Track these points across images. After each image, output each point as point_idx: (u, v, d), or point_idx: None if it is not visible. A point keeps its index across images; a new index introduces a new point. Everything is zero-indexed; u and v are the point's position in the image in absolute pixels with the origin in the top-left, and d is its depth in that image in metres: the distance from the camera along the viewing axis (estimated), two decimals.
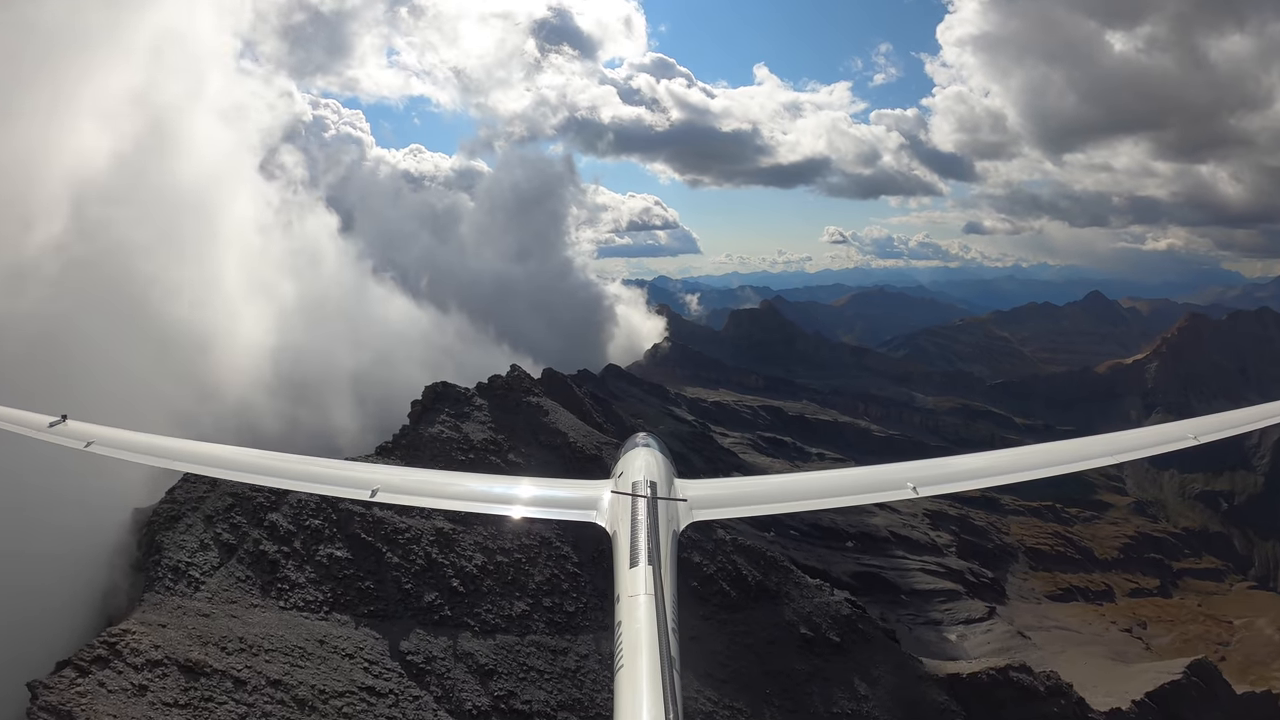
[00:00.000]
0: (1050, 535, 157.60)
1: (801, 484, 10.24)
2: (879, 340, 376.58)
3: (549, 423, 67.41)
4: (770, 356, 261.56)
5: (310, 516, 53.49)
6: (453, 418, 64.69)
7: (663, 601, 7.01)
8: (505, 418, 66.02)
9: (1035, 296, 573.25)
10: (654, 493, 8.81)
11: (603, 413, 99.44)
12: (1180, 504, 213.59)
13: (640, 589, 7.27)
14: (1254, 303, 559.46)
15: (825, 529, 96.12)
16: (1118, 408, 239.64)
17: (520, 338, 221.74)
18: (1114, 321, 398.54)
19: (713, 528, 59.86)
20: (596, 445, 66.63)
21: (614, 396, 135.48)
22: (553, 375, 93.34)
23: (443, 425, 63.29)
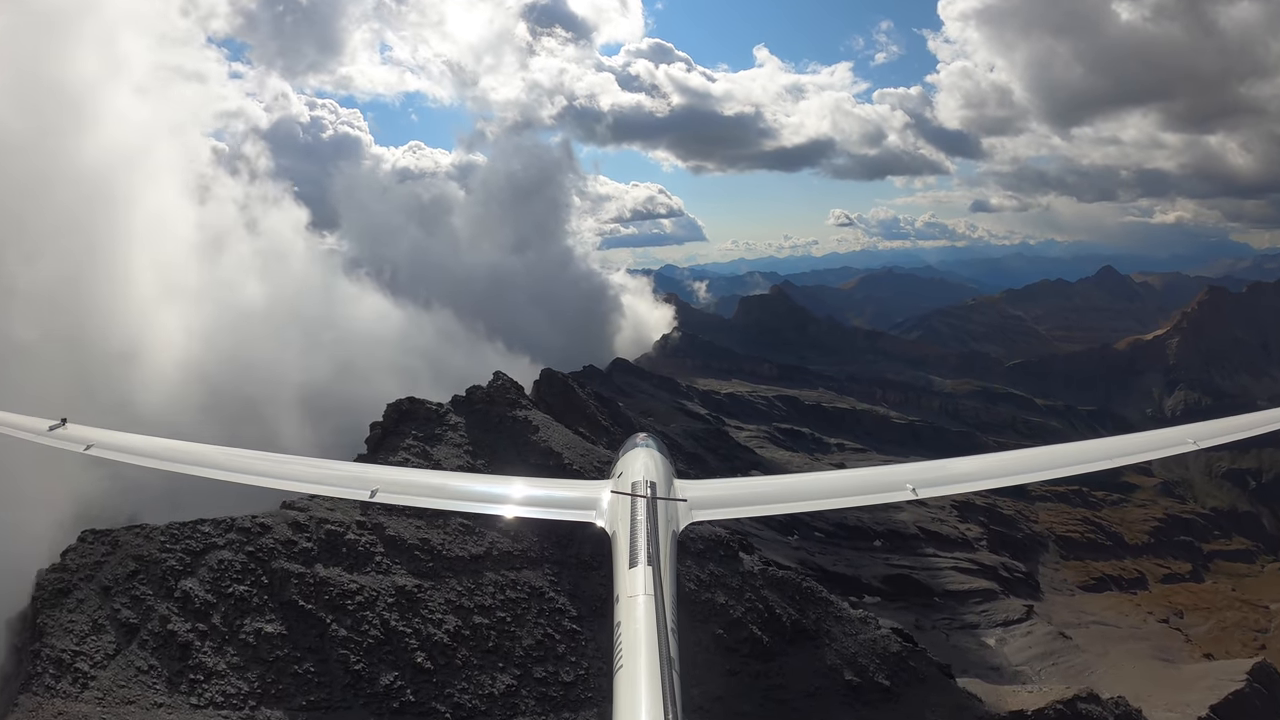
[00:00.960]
0: (1079, 522, 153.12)
1: (800, 485, 10.75)
2: (890, 322, 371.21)
3: (539, 441, 58.46)
4: (782, 343, 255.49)
5: (234, 581, 42.73)
6: (421, 441, 56.55)
7: (662, 602, 6.95)
8: (486, 437, 57.57)
9: (1044, 273, 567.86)
10: (653, 493, 8.78)
11: (609, 414, 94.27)
12: (1207, 483, 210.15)
13: (640, 589, 7.21)
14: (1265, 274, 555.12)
15: (851, 528, 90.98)
16: (1139, 385, 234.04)
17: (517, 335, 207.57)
18: (1128, 297, 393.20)
19: (739, 558, 53.69)
20: (596, 464, 57.46)
21: (622, 393, 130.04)
22: (552, 377, 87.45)
23: (408, 451, 54.80)
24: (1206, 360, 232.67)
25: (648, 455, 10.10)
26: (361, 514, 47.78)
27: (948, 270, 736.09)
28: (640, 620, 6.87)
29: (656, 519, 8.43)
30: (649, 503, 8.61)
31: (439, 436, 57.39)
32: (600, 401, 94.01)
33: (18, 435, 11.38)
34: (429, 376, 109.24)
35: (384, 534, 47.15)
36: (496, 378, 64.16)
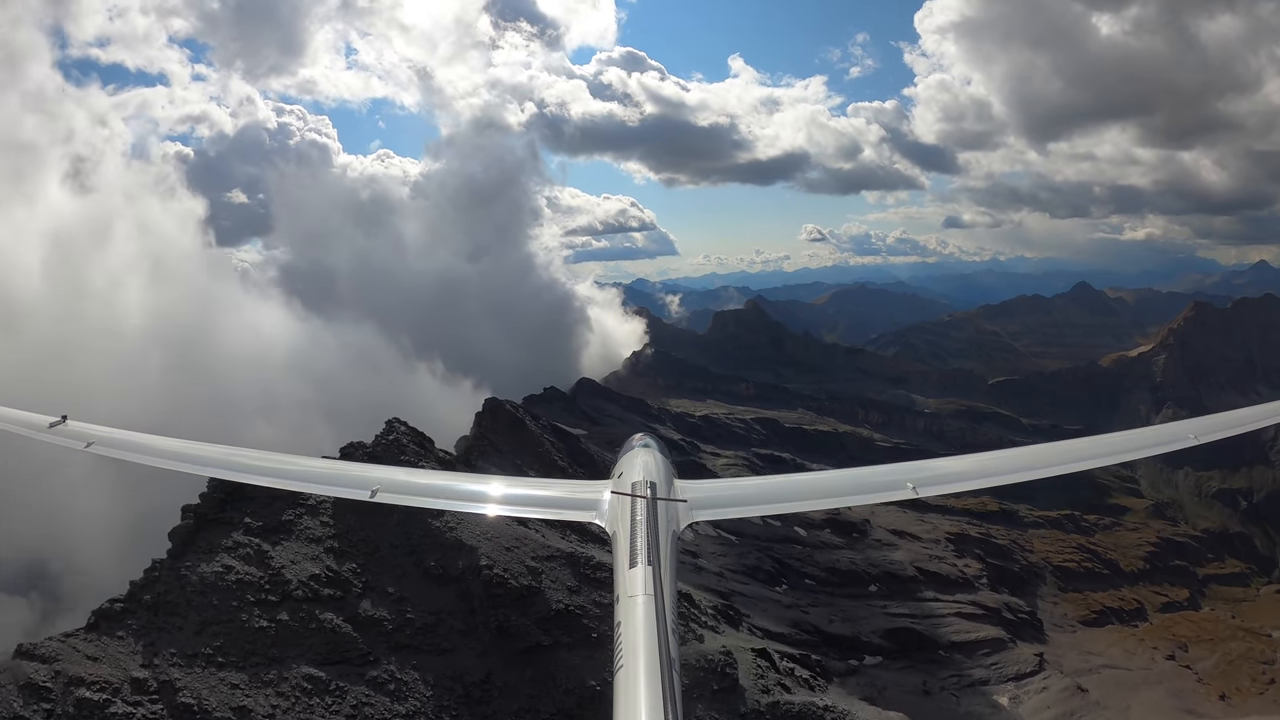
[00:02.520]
0: (1074, 550, 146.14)
1: (800, 484, 10.54)
2: (864, 338, 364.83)
3: (443, 530, 40.90)
4: (758, 360, 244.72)
5: None
6: (256, 535, 39.20)
7: (662, 602, 6.95)
8: (361, 528, 40.33)
9: (1015, 289, 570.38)
10: (653, 493, 8.74)
11: (567, 452, 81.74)
12: (1197, 504, 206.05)
13: (639, 589, 7.21)
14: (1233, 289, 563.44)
15: (845, 573, 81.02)
16: (1126, 402, 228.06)
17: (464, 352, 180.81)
18: (1104, 312, 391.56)
19: (738, 690, 41.99)
20: (530, 562, 41.19)
21: (587, 419, 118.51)
22: (497, 409, 74.27)
23: (231, 555, 37.29)
24: (1193, 377, 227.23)
25: (648, 455, 9.95)
26: (143, 665, 32.21)
27: (919, 286, 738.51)
28: (640, 620, 6.80)
29: (656, 519, 8.30)
30: (649, 503, 8.48)
31: (287, 527, 39.96)
32: (557, 436, 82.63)
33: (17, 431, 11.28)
34: (324, 412, 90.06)
35: (175, 702, 31.27)
36: (389, 429, 47.15)
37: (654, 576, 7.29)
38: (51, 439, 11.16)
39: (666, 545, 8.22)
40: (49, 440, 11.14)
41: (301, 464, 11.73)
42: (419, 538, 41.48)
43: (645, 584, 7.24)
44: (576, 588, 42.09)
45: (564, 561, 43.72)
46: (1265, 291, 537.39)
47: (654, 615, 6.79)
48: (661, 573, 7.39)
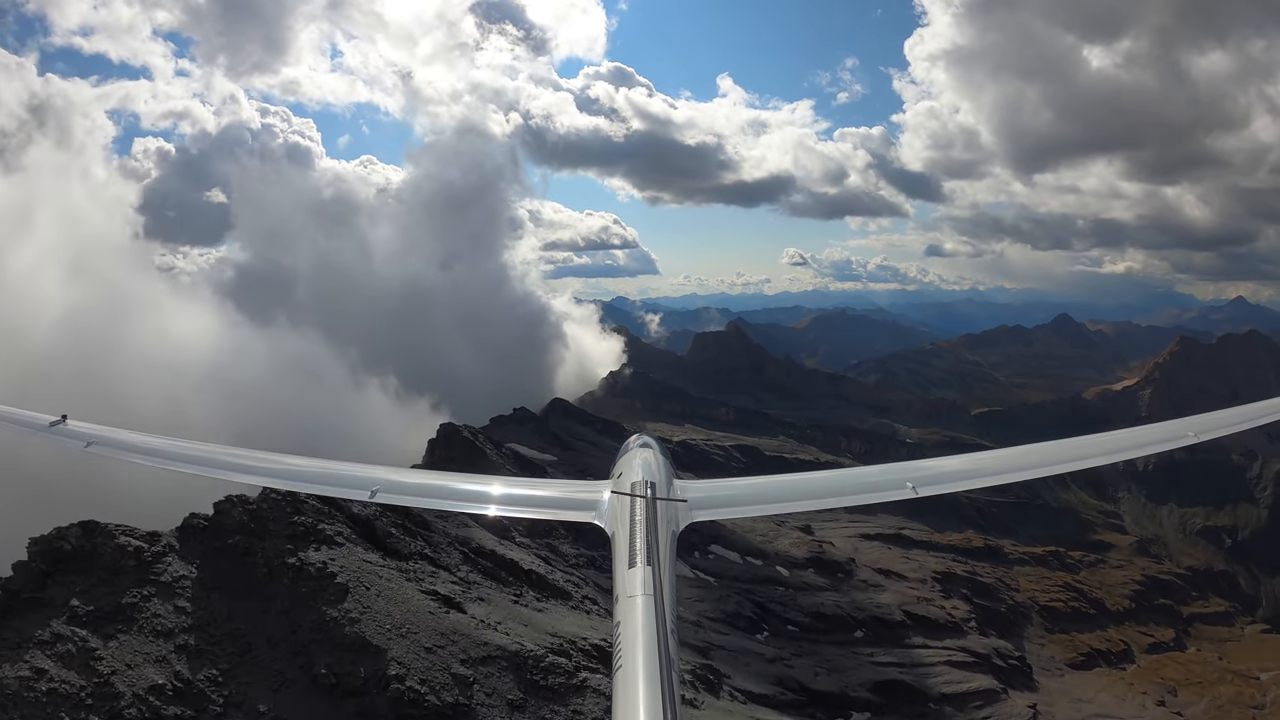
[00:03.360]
0: (1060, 588, 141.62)
1: (800, 484, 10.52)
2: (844, 364, 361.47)
3: (342, 621, 30.39)
4: (738, 384, 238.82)
5: None
6: (84, 625, 27.72)
7: (662, 602, 6.97)
8: (230, 616, 29.83)
9: (994, 319, 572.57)
10: (653, 493, 8.67)
11: None
12: (1182, 541, 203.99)
13: (639, 589, 7.20)
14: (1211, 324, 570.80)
15: (829, 618, 75.16)
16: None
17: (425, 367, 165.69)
18: (1084, 345, 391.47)
19: None
20: (455, 680, 29.96)
21: (559, 442, 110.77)
22: (452, 436, 67.90)
23: (46, 653, 26.06)
24: (1179, 412, 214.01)
25: (647, 456, 9.88)
26: None
27: (899, 313, 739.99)
28: (640, 620, 6.78)
29: (656, 519, 8.25)
30: (648, 503, 8.42)
31: (128, 613, 28.59)
32: (520, 466, 74.11)
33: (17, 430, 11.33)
34: (239, 432, 75.98)
35: None
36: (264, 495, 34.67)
37: (654, 577, 7.25)
38: (51, 438, 11.05)
39: (666, 545, 8.15)
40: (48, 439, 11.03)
41: (300, 464, 11.36)
42: (309, 631, 29.86)
43: (645, 584, 7.17)
44: (521, 702, 30.60)
45: (506, 665, 31.74)
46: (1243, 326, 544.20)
47: (653, 615, 6.76)
48: (661, 573, 7.36)
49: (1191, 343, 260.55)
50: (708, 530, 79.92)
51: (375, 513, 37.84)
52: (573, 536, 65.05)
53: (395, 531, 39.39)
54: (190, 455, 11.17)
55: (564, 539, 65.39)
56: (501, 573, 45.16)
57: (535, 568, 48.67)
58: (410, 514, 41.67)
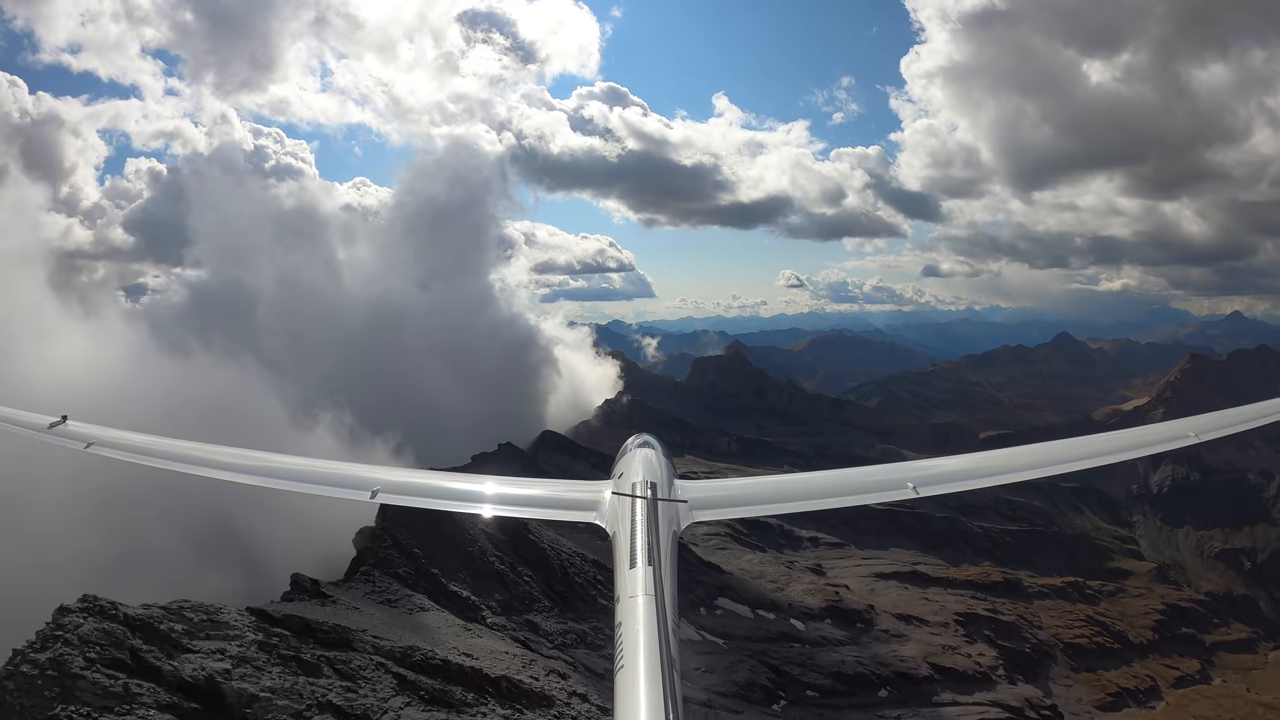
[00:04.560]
0: (1082, 623, 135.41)
1: (801, 484, 10.51)
2: (843, 386, 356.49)
3: None
4: (739, 410, 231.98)
5: None
6: None
7: (663, 602, 6.98)
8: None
9: (992, 338, 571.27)
10: (654, 494, 8.70)
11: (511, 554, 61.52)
12: (1199, 565, 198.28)
13: (640, 590, 7.20)
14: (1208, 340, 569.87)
15: (851, 678, 68.49)
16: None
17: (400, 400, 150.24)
18: (1085, 363, 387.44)
19: None
20: None
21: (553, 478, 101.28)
22: None
23: None
24: None
25: (648, 456, 9.87)
26: None
27: (896, 334, 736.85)
28: (640, 621, 6.80)
29: (657, 520, 8.29)
30: (649, 503, 8.47)
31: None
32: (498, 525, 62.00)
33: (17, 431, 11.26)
34: None
35: None
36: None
37: (654, 577, 7.27)
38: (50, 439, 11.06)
39: (667, 546, 8.14)
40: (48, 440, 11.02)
41: (301, 465, 11.21)
42: None
43: (645, 584, 7.20)
44: None
45: None
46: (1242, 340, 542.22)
47: (654, 615, 6.78)
48: (662, 573, 7.39)
49: (1202, 360, 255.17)
50: (713, 582, 72.95)
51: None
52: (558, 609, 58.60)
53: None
54: (191, 456, 11.13)
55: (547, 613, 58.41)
56: (456, 690, 36.92)
57: (507, 669, 41.10)
58: (322, 632, 33.65)
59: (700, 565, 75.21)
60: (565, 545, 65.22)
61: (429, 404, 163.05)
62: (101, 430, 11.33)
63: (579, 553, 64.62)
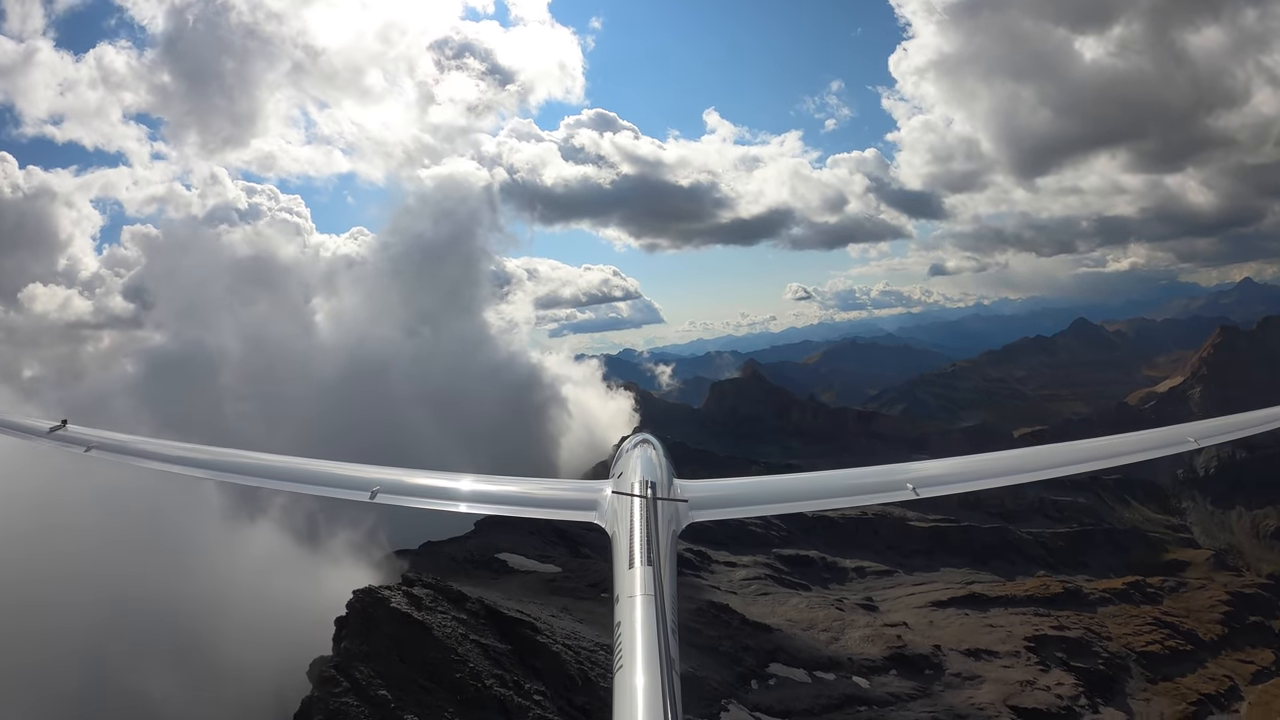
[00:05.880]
0: (1151, 626, 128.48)
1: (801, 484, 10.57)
2: (863, 395, 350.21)
3: None
4: (763, 432, 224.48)
5: None
6: None
7: (662, 602, 6.93)
8: None
9: (1005, 331, 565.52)
10: (654, 493, 8.64)
11: (518, 659, 49.01)
12: (1257, 546, 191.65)
13: (639, 589, 7.15)
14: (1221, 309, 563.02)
15: None
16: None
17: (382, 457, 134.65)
18: (1106, 348, 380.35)
19: None
20: None
21: (567, 543, 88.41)
22: (372, 608, 46.67)
23: None
24: (1231, 408, 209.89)
25: (648, 455, 9.91)
26: None
27: (908, 336, 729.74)
28: (640, 620, 6.73)
29: (657, 519, 8.27)
30: (649, 503, 8.43)
31: None
32: (495, 626, 49.62)
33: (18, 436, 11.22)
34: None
35: None
36: None
37: (654, 576, 7.21)
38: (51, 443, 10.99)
39: (666, 545, 8.10)
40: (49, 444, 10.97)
41: (300, 466, 11.01)
42: None
43: (645, 584, 7.13)
44: None
45: None
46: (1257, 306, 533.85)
47: (654, 615, 6.71)
48: (661, 573, 7.32)
49: (1233, 331, 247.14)
50: (762, 645, 65.40)
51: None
52: None
53: None
54: (190, 458, 11.09)
55: None
56: None
57: None
58: None
59: (745, 628, 67.87)
60: (585, 638, 52.91)
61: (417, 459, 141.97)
62: (101, 434, 11.22)
63: (603, 644, 51.53)
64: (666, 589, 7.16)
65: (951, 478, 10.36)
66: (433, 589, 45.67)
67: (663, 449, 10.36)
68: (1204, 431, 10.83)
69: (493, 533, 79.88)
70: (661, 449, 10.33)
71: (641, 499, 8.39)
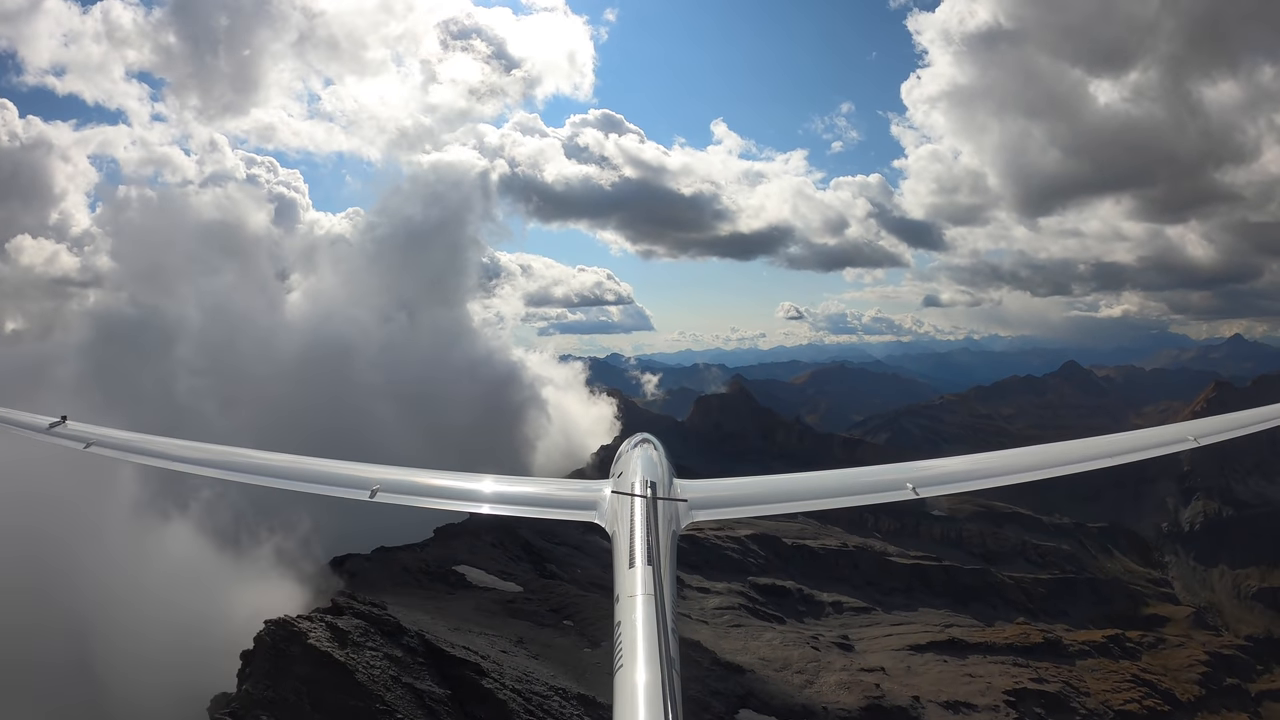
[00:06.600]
0: (1129, 683, 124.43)
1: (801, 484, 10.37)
2: (847, 420, 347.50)
3: None
4: (746, 452, 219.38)
5: None
6: None
7: (662, 602, 6.89)
8: None
9: (993, 367, 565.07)
10: (654, 493, 8.59)
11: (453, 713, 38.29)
12: (1237, 607, 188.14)
13: (639, 589, 7.11)
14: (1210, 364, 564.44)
15: None
16: (1151, 494, 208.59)
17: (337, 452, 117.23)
18: (1095, 392, 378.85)
19: None
20: None
21: (533, 558, 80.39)
22: (285, 642, 37.67)
23: None
24: (1222, 464, 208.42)
25: (648, 455, 9.89)
26: None
27: (897, 365, 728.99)
28: (640, 620, 6.73)
29: (657, 519, 8.22)
30: (649, 503, 8.40)
31: None
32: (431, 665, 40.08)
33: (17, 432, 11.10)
34: None
35: None
36: None
37: (654, 576, 7.18)
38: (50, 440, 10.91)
39: (666, 545, 8.03)
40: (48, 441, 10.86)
41: (299, 464, 10.85)
42: None
43: (645, 584, 7.10)
44: None
45: None
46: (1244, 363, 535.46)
47: (654, 615, 6.69)
48: (661, 572, 7.28)
49: (1227, 387, 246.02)
50: (733, 689, 59.96)
51: None
52: None
53: None
54: (190, 456, 11.02)
55: None
56: None
57: None
58: None
59: (716, 669, 62.38)
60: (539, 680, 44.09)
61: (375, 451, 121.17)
62: (101, 430, 11.15)
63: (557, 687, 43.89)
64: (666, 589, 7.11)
65: (952, 477, 10.31)
66: (365, 618, 39.12)
67: (663, 449, 10.40)
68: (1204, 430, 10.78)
69: (453, 542, 73.88)
70: (662, 449, 10.38)
71: (642, 499, 8.36)
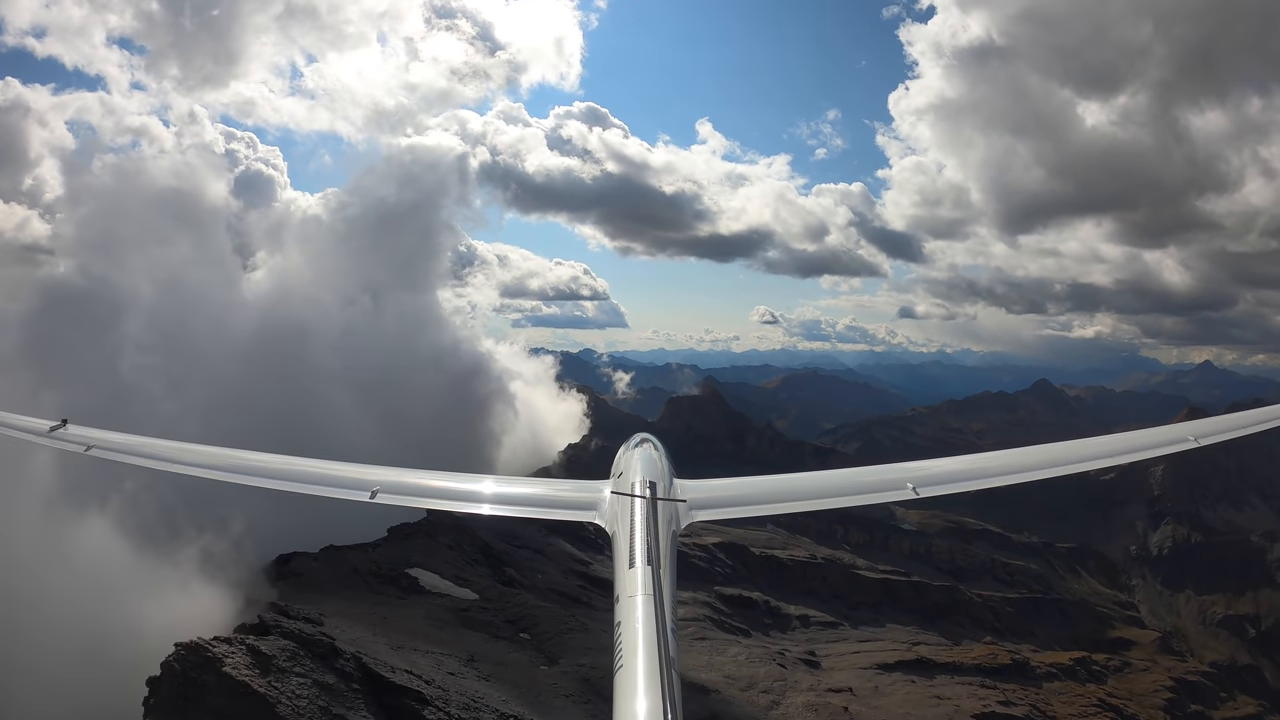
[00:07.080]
0: (1096, 707, 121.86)
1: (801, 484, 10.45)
2: (817, 427, 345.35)
3: None
4: (716, 456, 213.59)
5: None
6: None
7: (662, 602, 6.90)
8: None
9: (964, 381, 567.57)
10: (653, 493, 8.59)
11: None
12: (1203, 633, 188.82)
13: (639, 589, 7.12)
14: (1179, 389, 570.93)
15: None
16: (1120, 517, 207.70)
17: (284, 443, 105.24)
18: (1067, 412, 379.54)
19: None
20: None
21: (491, 562, 75.07)
22: (196, 670, 31.58)
23: None
24: (1191, 489, 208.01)
25: (648, 454, 9.87)
26: None
27: (869, 374, 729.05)
28: (640, 620, 6.73)
29: (656, 519, 8.19)
30: (648, 503, 8.36)
31: None
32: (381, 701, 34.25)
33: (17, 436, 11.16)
34: None
35: None
36: None
37: (654, 576, 7.19)
38: (51, 443, 10.96)
39: (666, 545, 8.04)
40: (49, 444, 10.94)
41: (299, 465, 10.83)
42: None
43: (645, 584, 7.12)
44: None
45: None
46: (1213, 390, 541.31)
47: (654, 615, 6.71)
48: (661, 573, 7.29)
49: (1200, 413, 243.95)
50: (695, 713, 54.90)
51: None
52: None
53: None
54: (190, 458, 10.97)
55: None
56: None
57: None
58: None
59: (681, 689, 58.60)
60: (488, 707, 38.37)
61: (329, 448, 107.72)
62: (102, 433, 11.15)
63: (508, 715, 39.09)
64: (666, 589, 7.11)
65: (952, 477, 10.17)
66: (294, 638, 32.93)
67: (664, 449, 10.32)
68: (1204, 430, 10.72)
69: (407, 543, 68.25)
70: (663, 449, 10.30)
71: (642, 499, 8.33)
